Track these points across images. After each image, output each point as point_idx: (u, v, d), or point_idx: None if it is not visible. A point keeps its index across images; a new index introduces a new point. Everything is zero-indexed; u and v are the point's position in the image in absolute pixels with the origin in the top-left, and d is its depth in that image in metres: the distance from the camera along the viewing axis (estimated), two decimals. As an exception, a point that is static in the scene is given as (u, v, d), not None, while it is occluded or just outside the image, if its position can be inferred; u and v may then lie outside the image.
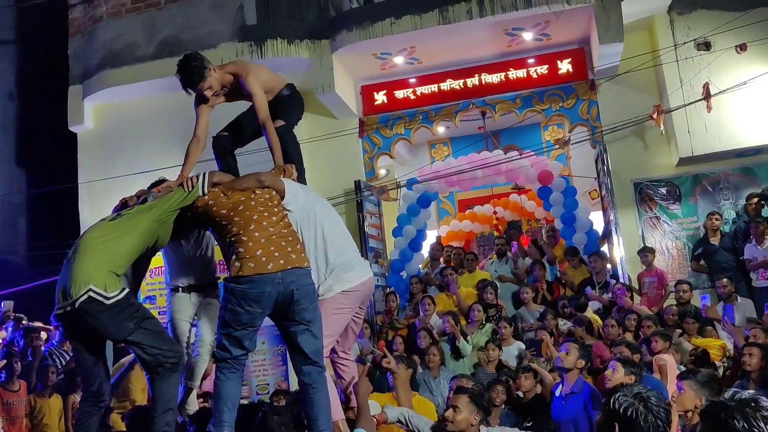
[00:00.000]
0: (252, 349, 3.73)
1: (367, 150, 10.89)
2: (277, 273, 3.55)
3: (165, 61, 9.66)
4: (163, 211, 3.81)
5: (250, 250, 3.59)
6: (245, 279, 3.54)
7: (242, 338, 3.60)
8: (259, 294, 3.54)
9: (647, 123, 9.50)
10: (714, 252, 8.66)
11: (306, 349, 3.63)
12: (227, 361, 3.64)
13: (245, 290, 3.54)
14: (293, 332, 3.65)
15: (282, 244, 3.65)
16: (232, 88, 4.39)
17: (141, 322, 3.58)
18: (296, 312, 3.61)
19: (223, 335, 3.64)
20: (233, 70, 4.37)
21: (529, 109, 10.46)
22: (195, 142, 4.31)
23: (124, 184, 8.47)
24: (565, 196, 10.09)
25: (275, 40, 9.75)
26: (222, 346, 3.64)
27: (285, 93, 4.54)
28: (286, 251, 3.63)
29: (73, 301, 3.45)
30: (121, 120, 10.72)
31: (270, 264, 3.56)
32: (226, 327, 3.62)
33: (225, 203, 3.77)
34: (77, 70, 10.89)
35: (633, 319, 7.25)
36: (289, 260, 3.61)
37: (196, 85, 4.20)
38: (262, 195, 3.83)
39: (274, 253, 3.60)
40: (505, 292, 9.00)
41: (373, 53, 10.04)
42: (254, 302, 3.54)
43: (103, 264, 3.57)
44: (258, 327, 3.68)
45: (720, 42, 9.12)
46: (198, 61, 4.19)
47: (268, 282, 3.54)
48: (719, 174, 9.60)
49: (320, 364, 3.68)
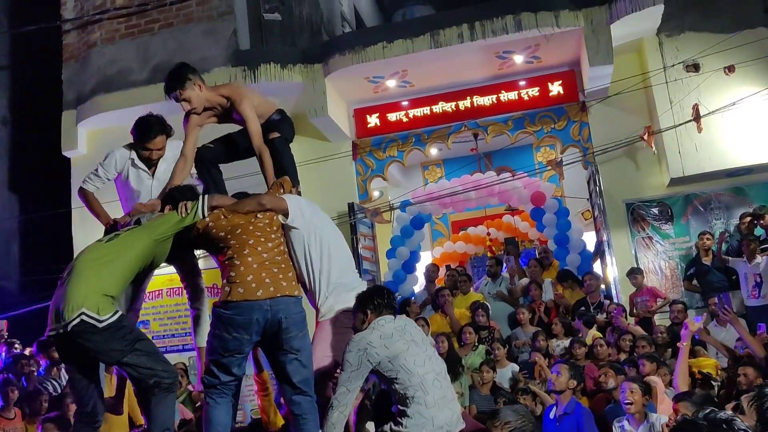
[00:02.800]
0: (241, 375, 3.68)
1: (361, 172, 10.93)
2: (265, 300, 3.52)
3: (158, 86, 9.55)
4: (160, 232, 3.81)
5: (241, 275, 3.57)
6: (233, 305, 3.52)
7: (230, 365, 3.57)
8: (247, 321, 3.50)
9: (638, 144, 9.57)
10: (706, 272, 8.68)
11: (295, 378, 3.58)
12: (216, 387, 3.61)
13: (232, 316, 3.51)
14: (282, 361, 3.60)
15: (274, 271, 3.62)
16: (224, 111, 4.39)
17: (134, 344, 3.57)
18: (285, 340, 3.56)
19: (211, 361, 3.61)
20: (227, 93, 4.37)
21: (520, 131, 10.53)
22: (182, 161, 4.31)
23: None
24: (558, 217, 10.13)
25: (268, 64, 9.81)
26: (210, 372, 3.61)
27: (275, 117, 4.54)
28: (278, 278, 3.61)
29: (66, 324, 3.44)
30: (114, 145, 10.43)
31: (259, 291, 3.53)
32: (213, 353, 3.59)
33: (224, 226, 3.77)
34: (71, 95, 10.92)
35: (627, 339, 7.24)
36: (279, 288, 3.58)
37: (173, 90, 4.20)
38: (262, 220, 3.80)
39: (265, 279, 3.57)
40: (500, 313, 8.97)
41: (366, 77, 10.12)
42: (241, 329, 3.51)
43: (97, 286, 3.56)
44: (246, 353, 3.64)
45: (708, 64, 9.22)
46: (186, 71, 4.19)
47: (255, 309, 3.50)
48: (710, 194, 9.66)
49: (310, 393, 3.63)
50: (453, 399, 3.64)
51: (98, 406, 3.78)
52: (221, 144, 4.55)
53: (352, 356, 3.56)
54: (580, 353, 7.19)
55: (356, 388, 3.58)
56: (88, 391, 3.74)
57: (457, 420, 3.59)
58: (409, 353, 3.56)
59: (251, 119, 4.25)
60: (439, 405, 3.49)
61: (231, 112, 4.38)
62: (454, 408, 3.60)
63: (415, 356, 3.56)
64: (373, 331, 3.61)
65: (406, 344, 3.58)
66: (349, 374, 3.55)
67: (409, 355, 3.55)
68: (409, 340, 3.62)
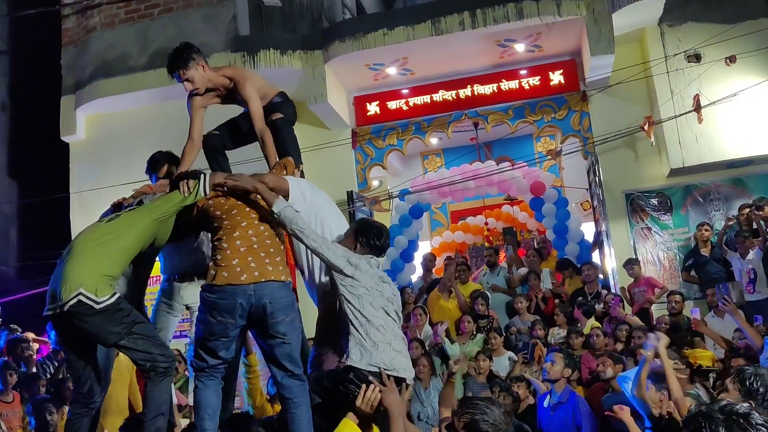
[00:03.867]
0: (229, 358, 3.66)
1: (360, 161, 10.91)
2: (249, 285, 3.49)
3: (158, 72, 9.66)
4: (162, 211, 3.78)
5: (227, 258, 3.55)
6: (217, 289, 3.50)
7: (216, 348, 3.55)
8: (230, 305, 3.48)
9: (638, 134, 9.55)
10: (705, 263, 8.66)
11: (283, 361, 3.57)
12: (204, 371, 3.60)
13: (216, 300, 3.50)
14: (270, 345, 3.59)
15: (261, 255, 3.60)
16: (228, 92, 4.37)
17: (132, 327, 3.54)
18: (270, 325, 3.53)
19: (198, 345, 3.61)
20: (230, 74, 4.35)
21: (521, 120, 10.51)
22: (190, 144, 4.29)
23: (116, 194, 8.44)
24: (557, 207, 10.12)
25: (268, 50, 9.77)
26: (198, 355, 3.60)
27: (277, 100, 4.50)
28: (264, 262, 3.58)
29: (63, 304, 3.43)
30: (113, 130, 10.70)
31: (244, 275, 3.51)
32: (200, 337, 3.59)
33: (221, 205, 3.75)
34: (70, 80, 10.89)
35: (624, 329, 7.25)
36: (264, 272, 3.55)
37: (176, 70, 4.15)
38: (260, 202, 3.77)
39: (251, 263, 3.55)
40: (498, 303, 8.98)
41: (366, 64, 10.09)
42: (225, 313, 3.49)
43: (96, 267, 3.54)
44: (233, 337, 3.61)
45: (710, 54, 9.20)
46: (190, 51, 4.17)
47: (239, 293, 3.48)
48: (710, 185, 9.65)
49: (300, 376, 3.61)
50: (399, 350, 3.62)
51: (95, 387, 3.77)
52: (226, 129, 4.53)
53: (340, 249, 3.64)
54: (576, 343, 7.21)
55: (327, 249, 3.60)
56: (84, 372, 3.72)
57: (404, 368, 3.60)
58: (371, 295, 3.60)
59: (253, 100, 4.23)
60: (379, 347, 3.51)
61: (234, 94, 4.36)
62: (398, 356, 3.59)
63: (373, 301, 3.60)
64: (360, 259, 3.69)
65: (372, 290, 3.62)
66: (331, 247, 3.63)
67: (372, 297, 3.60)
68: (376, 289, 3.65)
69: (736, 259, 8.06)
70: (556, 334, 7.74)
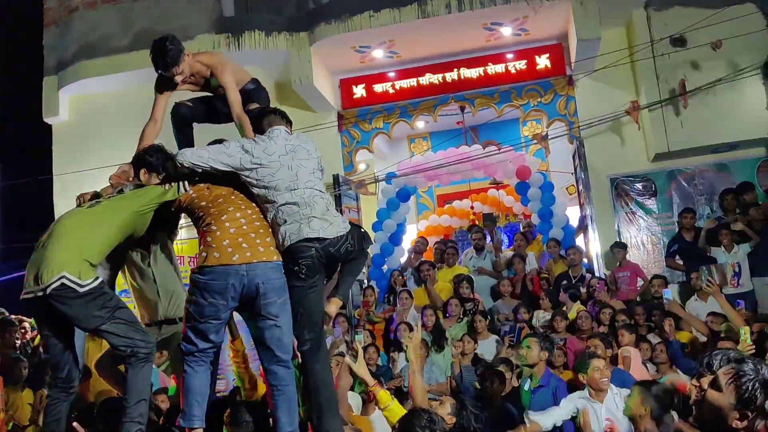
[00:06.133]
0: (219, 342, 3.66)
1: (346, 144, 10.87)
2: (241, 265, 3.49)
3: (141, 53, 9.53)
4: (142, 203, 3.78)
5: (218, 239, 3.55)
6: (208, 270, 3.49)
7: (207, 331, 3.54)
8: (222, 286, 3.48)
9: (624, 118, 9.58)
10: (689, 249, 8.68)
11: (272, 344, 3.57)
12: (194, 354, 3.58)
13: (208, 281, 3.49)
14: (260, 327, 3.58)
15: (251, 236, 3.60)
16: (203, 79, 4.34)
17: (114, 312, 3.54)
18: (262, 306, 3.54)
19: (188, 328, 3.59)
20: (207, 62, 4.31)
21: (507, 104, 10.49)
22: (152, 124, 4.26)
23: (99, 176, 8.38)
24: (543, 191, 10.12)
25: (253, 32, 9.68)
26: (188, 338, 3.58)
27: (250, 87, 4.48)
28: (255, 243, 3.58)
29: (45, 287, 3.40)
30: (96, 112, 10.60)
31: (235, 255, 3.50)
32: (190, 320, 3.57)
33: (206, 196, 3.76)
34: (52, 61, 10.76)
35: (608, 312, 7.30)
36: (256, 253, 3.55)
37: (168, 69, 4.12)
38: (244, 192, 3.80)
39: (242, 244, 3.55)
40: (482, 286, 9.02)
41: (352, 46, 10.02)
42: (217, 294, 3.48)
43: (78, 252, 3.52)
44: (224, 320, 3.61)
45: (696, 39, 9.19)
46: (174, 45, 4.12)
47: (231, 274, 3.48)
48: (694, 170, 9.70)
49: (288, 363, 3.62)
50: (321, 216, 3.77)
51: (73, 371, 3.75)
52: (199, 103, 4.51)
53: (231, 147, 3.81)
54: (561, 326, 7.25)
55: (218, 156, 3.75)
56: (63, 357, 3.71)
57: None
58: (280, 173, 3.78)
59: (231, 88, 4.20)
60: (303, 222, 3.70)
61: (208, 81, 4.33)
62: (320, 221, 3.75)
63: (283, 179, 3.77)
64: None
65: (281, 168, 3.79)
66: (220, 151, 3.78)
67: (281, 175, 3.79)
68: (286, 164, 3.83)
69: (720, 254, 8.09)
70: (542, 317, 7.77)
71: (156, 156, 3.90)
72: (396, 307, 8.48)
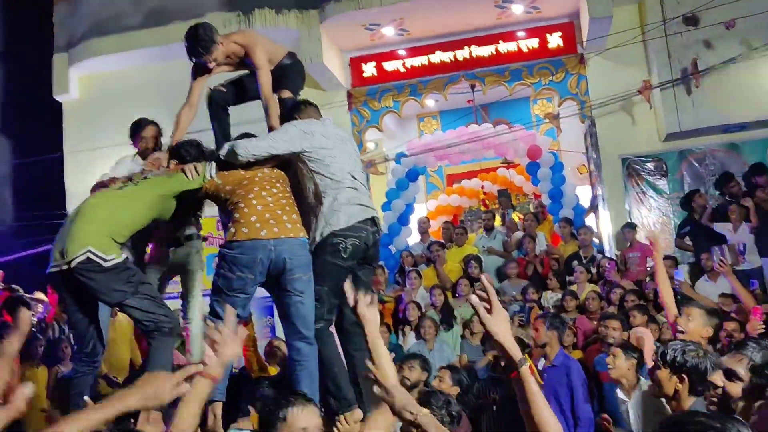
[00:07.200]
0: (244, 317, 3.75)
1: (356, 123, 10.84)
2: (269, 240, 3.56)
3: (152, 31, 9.58)
4: (169, 188, 3.85)
5: (246, 215, 3.63)
6: (237, 244, 3.57)
7: (234, 305, 3.56)
8: (251, 260, 3.55)
9: (635, 98, 9.52)
10: (700, 229, 8.64)
11: (297, 321, 3.63)
12: None
13: (236, 256, 3.57)
14: (285, 303, 3.66)
15: (278, 213, 3.67)
16: (238, 59, 4.34)
17: (137, 287, 3.60)
18: (288, 282, 3.61)
19: (215, 301, 3.66)
20: (241, 41, 4.32)
21: (518, 83, 10.44)
22: (187, 109, 4.31)
23: (110, 154, 8.41)
24: (553, 171, 10.10)
25: (263, 9, 9.67)
26: (214, 312, 3.65)
27: (286, 62, 4.50)
28: (282, 219, 3.66)
29: (70, 261, 3.45)
30: (107, 89, 10.61)
31: (263, 231, 3.58)
32: (218, 293, 3.64)
33: (231, 181, 3.82)
34: (63, 38, 10.76)
35: (618, 292, 7.30)
36: (283, 229, 3.62)
37: (201, 57, 4.14)
38: (268, 174, 3.86)
39: (270, 220, 3.62)
40: (488, 267, 9.02)
41: (362, 24, 9.98)
42: (245, 268, 3.56)
43: (105, 229, 3.59)
44: (250, 294, 3.69)
45: (709, 17, 9.09)
46: (207, 33, 4.13)
47: (259, 248, 3.55)
48: (705, 150, 9.64)
49: (311, 340, 3.67)
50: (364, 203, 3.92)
51: (98, 346, 3.82)
52: (232, 86, 4.53)
53: (291, 130, 3.89)
54: (571, 305, 7.26)
55: (280, 142, 3.84)
56: (88, 331, 3.78)
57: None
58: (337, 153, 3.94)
59: (263, 68, 4.23)
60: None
61: (243, 60, 4.33)
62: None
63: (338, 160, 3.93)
64: None
65: (334, 148, 3.94)
66: (282, 137, 3.86)
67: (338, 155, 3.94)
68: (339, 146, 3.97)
69: (727, 232, 8.07)
70: (550, 297, 7.79)
71: (191, 151, 3.96)
72: (405, 287, 8.51)
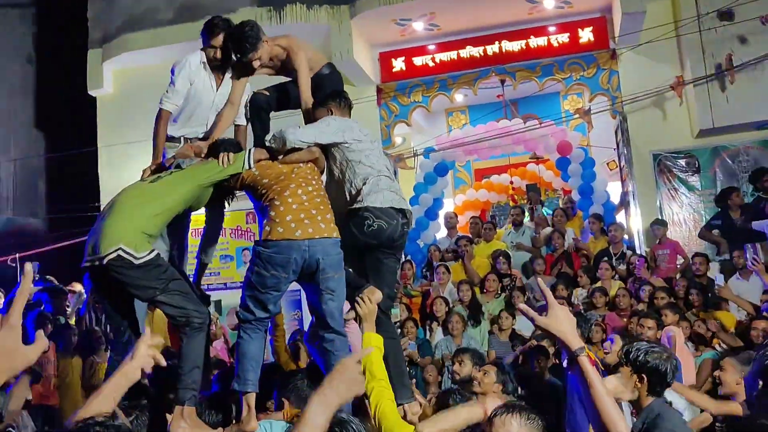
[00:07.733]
0: (276, 313, 3.83)
1: (384, 117, 10.86)
2: (304, 240, 3.61)
3: (184, 26, 9.67)
4: (206, 177, 3.89)
5: (281, 214, 3.67)
6: (272, 243, 3.63)
7: (266, 301, 3.69)
8: (285, 260, 3.61)
9: (667, 94, 9.43)
10: (734, 226, 8.52)
11: (328, 318, 3.71)
12: (251, 323, 3.72)
13: (271, 255, 3.62)
14: (317, 300, 3.73)
15: (312, 213, 3.72)
16: (280, 62, 4.38)
17: (169, 284, 3.65)
18: (321, 281, 3.67)
19: (248, 296, 3.72)
20: (285, 45, 4.34)
21: (549, 78, 10.37)
22: (229, 107, 4.37)
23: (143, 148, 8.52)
24: (584, 167, 10.04)
25: (294, 5, 9.71)
26: (246, 307, 3.72)
27: (325, 72, 4.50)
28: (316, 219, 3.71)
29: (102, 257, 3.53)
30: (140, 84, 10.70)
31: (298, 231, 3.63)
32: (251, 289, 3.70)
33: (269, 174, 3.87)
34: (97, 33, 10.90)
35: (648, 290, 7.25)
36: (317, 229, 3.67)
37: (246, 55, 4.17)
38: (304, 169, 3.91)
39: (304, 220, 3.67)
40: (516, 263, 8.99)
41: (393, 19, 9.98)
42: (280, 267, 3.62)
43: (137, 224, 3.64)
44: (283, 291, 3.75)
45: (744, 12, 8.96)
46: (253, 31, 4.16)
47: (294, 248, 3.60)
48: (739, 147, 9.52)
49: (342, 332, 3.76)
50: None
51: (133, 339, 3.88)
52: (275, 91, 4.54)
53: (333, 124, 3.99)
54: (600, 302, 7.23)
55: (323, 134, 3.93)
56: (123, 323, 3.86)
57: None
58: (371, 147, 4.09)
59: (304, 74, 4.26)
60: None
61: (286, 64, 4.36)
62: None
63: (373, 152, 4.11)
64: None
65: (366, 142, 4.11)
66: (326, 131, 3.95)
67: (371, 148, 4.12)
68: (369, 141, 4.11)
69: (765, 227, 7.96)
70: (580, 294, 7.75)
71: (230, 150, 3.95)
72: (433, 282, 8.53)
